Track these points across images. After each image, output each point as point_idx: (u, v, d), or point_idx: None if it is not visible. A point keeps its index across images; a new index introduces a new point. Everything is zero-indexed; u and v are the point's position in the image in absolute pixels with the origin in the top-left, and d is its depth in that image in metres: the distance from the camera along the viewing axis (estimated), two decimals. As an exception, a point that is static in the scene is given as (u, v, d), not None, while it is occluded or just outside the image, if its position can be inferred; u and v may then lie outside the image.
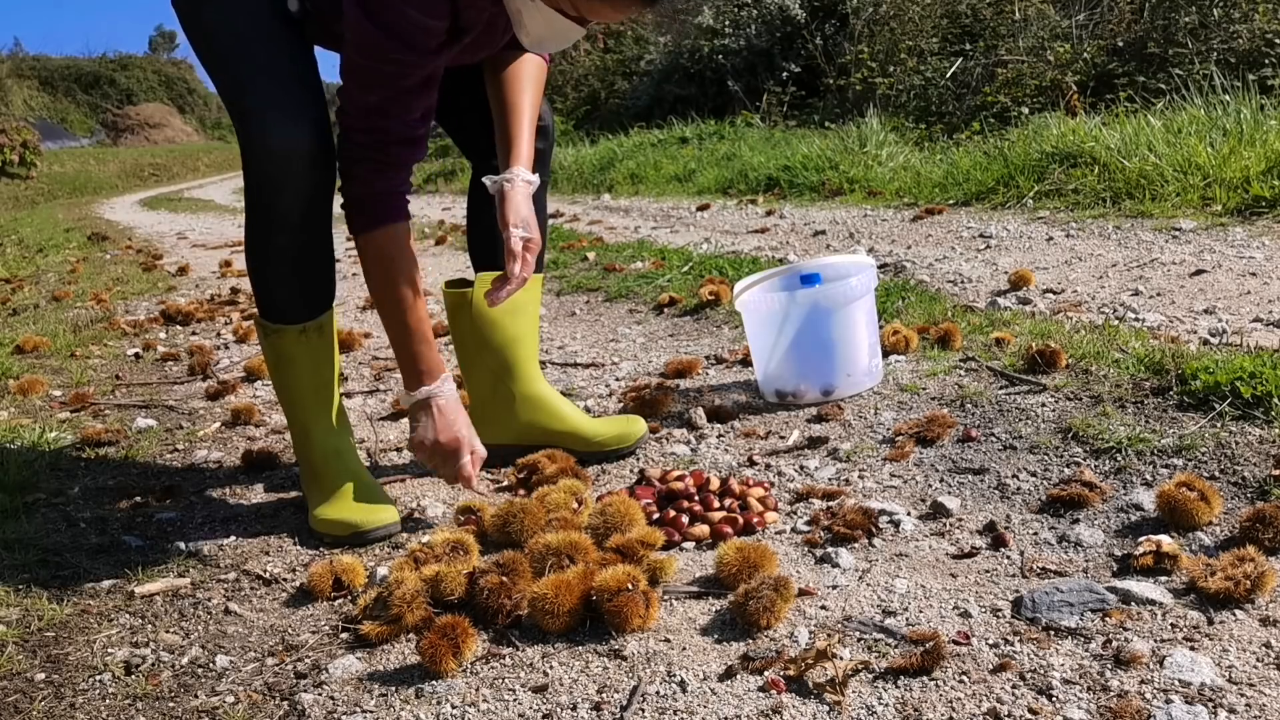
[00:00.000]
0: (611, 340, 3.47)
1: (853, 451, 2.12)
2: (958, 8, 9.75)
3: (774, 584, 1.44)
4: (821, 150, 7.70)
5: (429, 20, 1.67)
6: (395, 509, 1.92)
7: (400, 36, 1.66)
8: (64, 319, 4.60)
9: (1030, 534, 1.69)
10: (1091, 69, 7.45)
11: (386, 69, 1.70)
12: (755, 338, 2.49)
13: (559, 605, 1.46)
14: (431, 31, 1.69)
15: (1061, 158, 5.38)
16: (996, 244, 4.31)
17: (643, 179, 9.38)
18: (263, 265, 1.92)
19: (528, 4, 1.71)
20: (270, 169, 1.79)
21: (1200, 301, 3.03)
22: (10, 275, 6.40)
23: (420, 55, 1.70)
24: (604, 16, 1.71)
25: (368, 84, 1.72)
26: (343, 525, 1.88)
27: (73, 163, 22.61)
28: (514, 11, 1.74)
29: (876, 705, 1.25)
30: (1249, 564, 1.41)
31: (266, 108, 1.78)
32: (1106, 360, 2.36)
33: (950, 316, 2.99)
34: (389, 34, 1.66)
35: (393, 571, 1.63)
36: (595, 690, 1.34)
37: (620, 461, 2.22)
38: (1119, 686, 1.24)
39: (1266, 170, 4.41)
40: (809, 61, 10.90)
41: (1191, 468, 1.81)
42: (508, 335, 2.14)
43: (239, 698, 1.39)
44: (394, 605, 1.49)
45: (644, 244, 5.47)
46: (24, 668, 1.49)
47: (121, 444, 2.59)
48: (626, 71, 14.70)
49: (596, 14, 1.68)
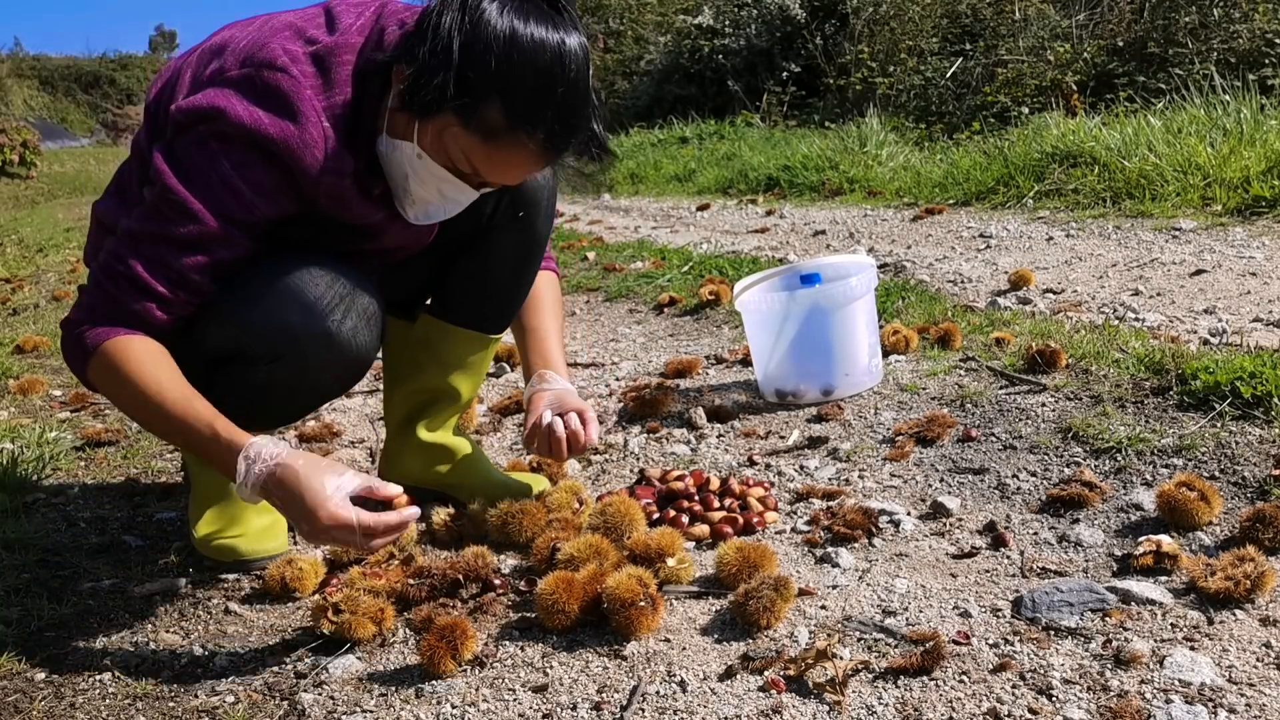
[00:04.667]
0: (611, 340, 3.47)
1: (853, 451, 2.12)
2: (958, 8, 9.75)
3: (774, 584, 1.44)
4: (821, 150, 7.71)
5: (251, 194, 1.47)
6: (285, 535, 1.83)
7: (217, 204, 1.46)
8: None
9: (1030, 534, 1.69)
10: (1091, 69, 7.45)
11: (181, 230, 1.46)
12: (755, 338, 2.49)
13: (566, 604, 1.46)
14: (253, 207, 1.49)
15: (1061, 158, 5.38)
16: (996, 244, 4.31)
17: (643, 179, 9.39)
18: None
19: (415, 162, 1.52)
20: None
21: (1200, 301, 3.03)
22: (10, 275, 6.40)
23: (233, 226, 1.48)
24: (502, 176, 1.55)
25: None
26: (227, 551, 1.78)
27: (73, 163, 22.59)
28: (400, 177, 1.55)
29: (876, 705, 1.25)
30: (1249, 564, 1.41)
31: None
32: (1106, 360, 2.36)
33: (950, 316, 2.99)
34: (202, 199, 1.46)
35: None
36: (595, 690, 1.34)
37: (620, 462, 2.21)
38: (1119, 686, 1.24)
39: (1266, 170, 4.41)
40: (809, 61, 10.90)
41: (1191, 468, 1.81)
42: (432, 384, 1.93)
43: (239, 698, 1.39)
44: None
45: (644, 244, 5.47)
46: (24, 668, 1.49)
47: (121, 444, 2.59)
48: (626, 71, 14.70)
49: (495, 172, 1.53)
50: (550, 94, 1.44)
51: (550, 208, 1.87)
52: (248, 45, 1.52)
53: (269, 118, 1.45)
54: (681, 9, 14.06)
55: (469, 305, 1.88)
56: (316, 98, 1.48)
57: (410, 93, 1.46)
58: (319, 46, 1.50)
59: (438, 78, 1.42)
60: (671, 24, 13.92)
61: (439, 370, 1.92)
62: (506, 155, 1.49)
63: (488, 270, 1.85)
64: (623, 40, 15.40)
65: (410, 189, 1.56)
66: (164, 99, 1.58)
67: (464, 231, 1.81)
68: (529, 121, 1.45)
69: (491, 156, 1.49)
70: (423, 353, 1.91)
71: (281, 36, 1.51)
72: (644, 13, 15.53)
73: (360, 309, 1.60)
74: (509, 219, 1.81)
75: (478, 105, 1.44)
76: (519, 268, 1.87)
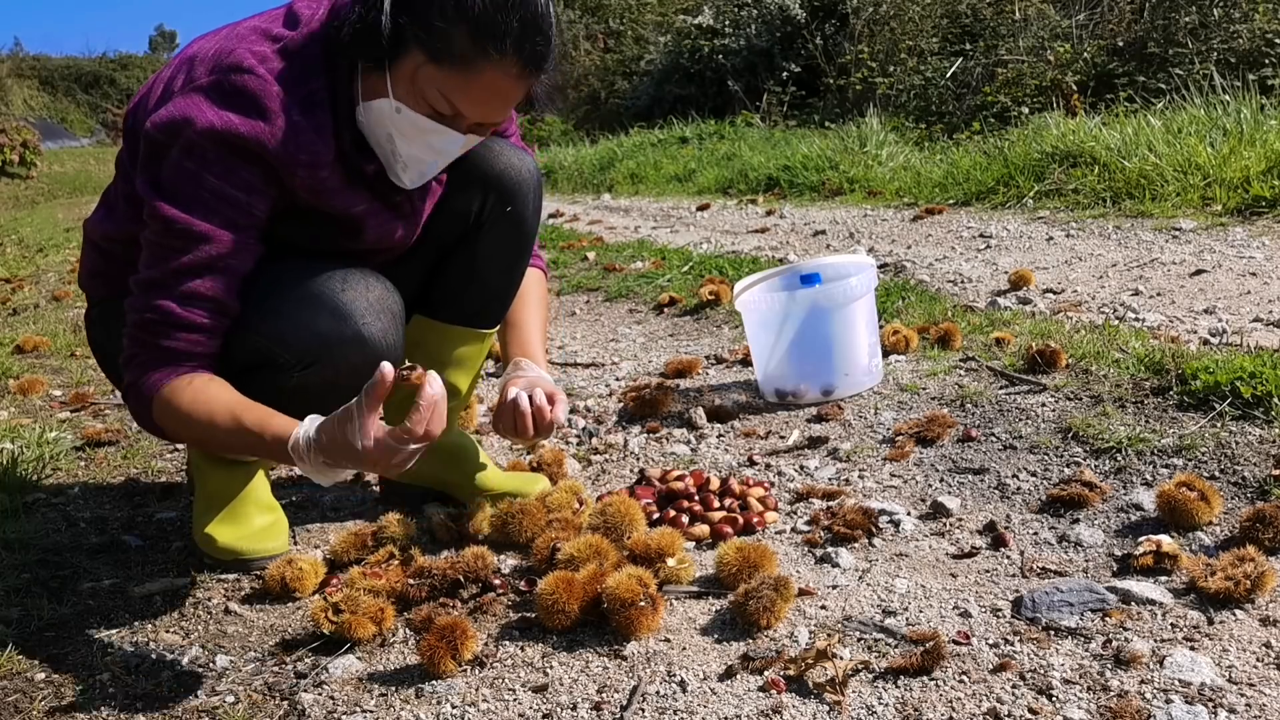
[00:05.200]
0: (611, 340, 3.47)
1: (853, 451, 2.12)
2: (958, 8, 9.76)
3: (774, 584, 1.44)
4: (821, 150, 7.70)
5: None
6: (286, 535, 1.84)
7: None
8: (64, 319, 4.60)
9: (1030, 534, 1.69)
10: (1091, 69, 7.45)
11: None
12: (755, 338, 2.49)
13: (566, 604, 1.46)
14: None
15: (1061, 158, 5.38)
16: (996, 244, 4.31)
17: (643, 179, 9.39)
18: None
19: (395, 118, 1.51)
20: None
21: (1200, 301, 3.03)
22: (10, 275, 6.40)
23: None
24: (485, 108, 1.51)
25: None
26: (227, 550, 1.79)
27: (73, 163, 22.60)
28: (385, 140, 1.54)
29: (876, 705, 1.25)
30: (1249, 564, 1.41)
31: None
32: (1106, 360, 2.36)
33: (950, 316, 2.99)
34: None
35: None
36: (595, 690, 1.34)
37: (620, 462, 2.22)
38: (1119, 686, 1.24)
39: (1266, 170, 4.41)
40: (809, 61, 10.90)
41: (1191, 468, 1.81)
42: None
43: (239, 698, 1.39)
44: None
45: (644, 244, 5.47)
46: (24, 668, 1.49)
47: (121, 444, 2.59)
48: (626, 71, 14.71)
49: (476, 105, 1.50)
50: (508, 2, 1.44)
51: (537, 201, 1.88)
52: (215, 53, 1.53)
53: (239, 118, 1.46)
54: (681, 9, 14.07)
55: (461, 302, 1.88)
56: (287, 92, 1.49)
57: (360, 40, 1.46)
58: (285, 42, 1.52)
59: (371, 15, 1.44)
60: (671, 24, 13.93)
61: (435, 369, 1.91)
62: (483, 81, 1.48)
63: (478, 267, 1.85)
64: (623, 40, 15.41)
65: (398, 150, 1.55)
66: (139, 115, 1.59)
67: (453, 234, 1.81)
68: (495, 38, 1.44)
69: (469, 87, 1.48)
70: (417, 354, 1.91)
71: (248, 40, 1.53)
72: (644, 13, 15.55)
73: (385, 306, 1.61)
74: (498, 215, 1.82)
75: (438, 32, 1.44)
76: (509, 262, 1.87)
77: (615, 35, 15.54)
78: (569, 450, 2.31)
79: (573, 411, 2.60)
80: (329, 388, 1.62)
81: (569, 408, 2.10)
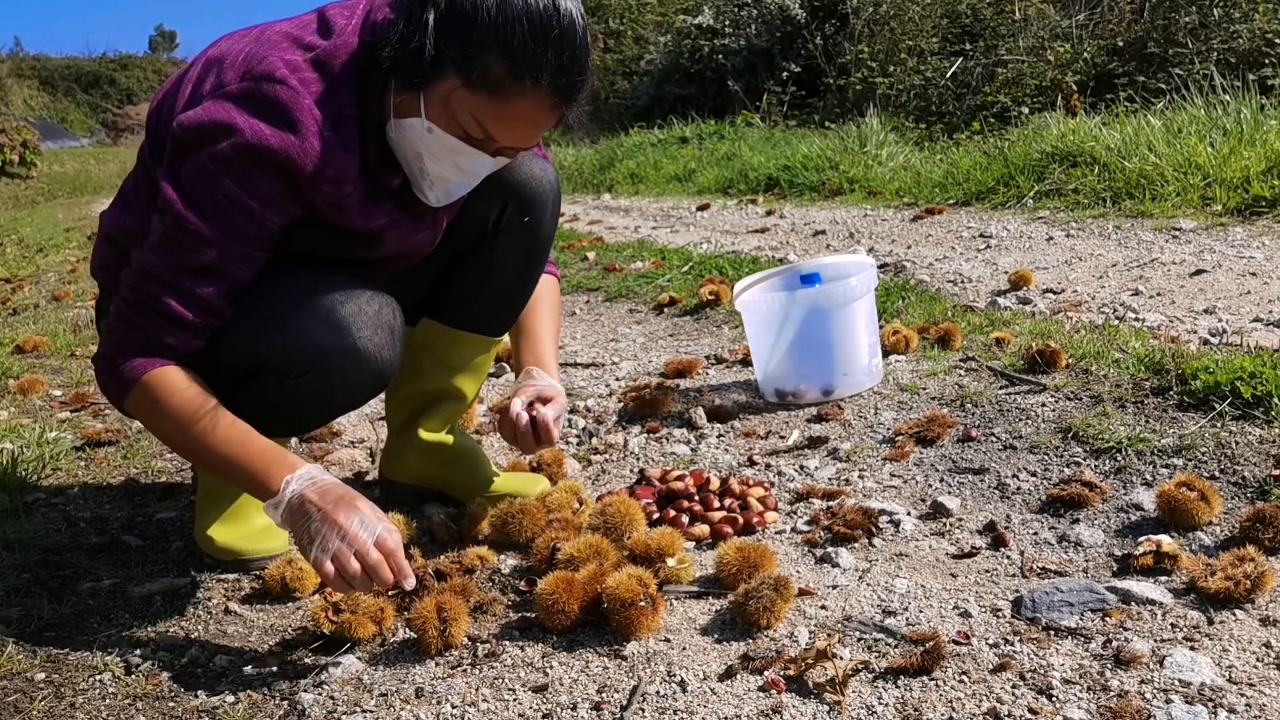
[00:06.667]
0: (611, 340, 3.47)
1: (853, 451, 2.12)
2: (958, 8, 9.76)
3: (774, 584, 1.44)
4: (821, 150, 7.70)
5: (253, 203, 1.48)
6: (286, 535, 1.81)
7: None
8: (64, 319, 4.60)
9: (1030, 534, 1.69)
10: (1091, 69, 7.45)
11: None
12: (755, 338, 2.49)
13: (566, 604, 1.46)
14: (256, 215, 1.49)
15: (1061, 158, 5.38)
16: (996, 244, 4.31)
17: (643, 179, 9.38)
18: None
19: (425, 138, 1.50)
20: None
21: (1200, 301, 3.03)
22: (10, 275, 6.40)
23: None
24: (516, 134, 1.51)
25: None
26: (227, 550, 1.79)
27: (73, 163, 22.60)
28: (413, 158, 1.54)
29: (876, 705, 1.25)
30: (1249, 564, 1.41)
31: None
32: (1106, 360, 2.36)
33: (950, 316, 2.99)
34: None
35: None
36: (595, 690, 1.34)
37: (620, 462, 2.21)
38: (1119, 686, 1.24)
39: (1266, 170, 4.41)
40: (809, 61, 10.90)
41: (1191, 468, 1.81)
42: (435, 386, 1.94)
43: (239, 698, 1.39)
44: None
45: (644, 244, 5.47)
46: (24, 668, 1.49)
47: (121, 444, 2.59)
48: (626, 71, 14.70)
49: (508, 131, 1.50)
50: (547, 36, 1.42)
51: (555, 210, 1.87)
52: (246, 58, 1.51)
53: (270, 129, 1.45)
54: (681, 9, 14.06)
55: (472, 308, 1.88)
56: (318, 105, 1.47)
57: (400, 64, 1.45)
58: (318, 52, 1.50)
59: (415, 40, 1.42)
60: (671, 24, 13.92)
61: (442, 373, 1.92)
62: (517, 110, 1.47)
63: (492, 274, 1.85)
64: (623, 40, 15.40)
65: (426, 168, 1.54)
66: (164, 113, 1.58)
67: (469, 239, 1.81)
68: (532, 69, 1.43)
69: (502, 113, 1.47)
70: (425, 356, 1.92)
71: (280, 48, 1.51)
72: (644, 13, 15.54)
73: (383, 322, 1.60)
74: (515, 223, 1.81)
75: (476, 60, 1.43)
76: (523, 271, 1.87)
77: (615, 35, 15.53)
78: (569, 450, 2.31)
79: (573, 411, 2.60)
80: (321, 400, 1.63)
81: (568, 408, 2.10)
